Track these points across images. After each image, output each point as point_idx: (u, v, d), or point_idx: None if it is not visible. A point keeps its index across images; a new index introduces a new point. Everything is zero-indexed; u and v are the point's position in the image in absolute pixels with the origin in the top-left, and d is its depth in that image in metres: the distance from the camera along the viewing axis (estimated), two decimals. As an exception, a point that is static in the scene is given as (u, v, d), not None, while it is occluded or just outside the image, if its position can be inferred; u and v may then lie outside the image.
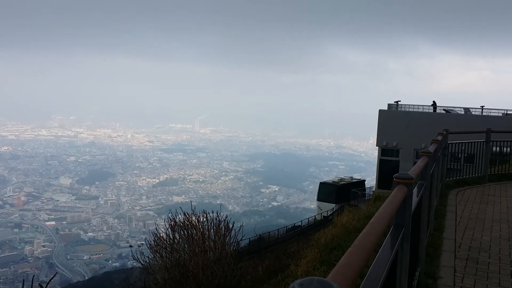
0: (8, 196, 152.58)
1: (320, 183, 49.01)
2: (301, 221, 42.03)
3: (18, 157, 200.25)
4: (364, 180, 50.50)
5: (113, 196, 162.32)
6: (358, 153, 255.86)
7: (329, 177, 58.90)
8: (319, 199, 45.98)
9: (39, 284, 4.03)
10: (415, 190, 4.77)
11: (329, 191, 44.66)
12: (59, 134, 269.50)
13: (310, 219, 42.96)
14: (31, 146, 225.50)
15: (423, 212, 6.00)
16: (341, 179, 47.70)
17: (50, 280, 4.86)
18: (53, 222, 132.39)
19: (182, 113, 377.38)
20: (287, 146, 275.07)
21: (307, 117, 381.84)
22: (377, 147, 38.64)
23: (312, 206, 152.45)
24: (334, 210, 38.49)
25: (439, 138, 10.37)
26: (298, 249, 14.51)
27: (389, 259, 3.02)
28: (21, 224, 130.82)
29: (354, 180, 48.02)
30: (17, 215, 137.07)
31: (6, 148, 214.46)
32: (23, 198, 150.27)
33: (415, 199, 4.64)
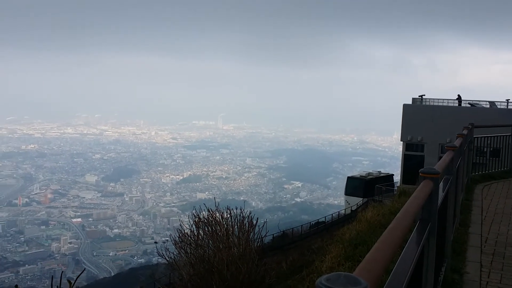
0: (35, 194, 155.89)
1: (348, 177, 48.85)
2: (325, 217, 41.85)
3: (45, 155, 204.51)
4: (392, 175, 49.94)
5: (138, 193, 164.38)
6: (382, 148, 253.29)
7: (352, 173, 58.47)
8: (346, 193, 45.96)
9: (67, 280, 4.09)
10: (441, 185, 4.72)
11: (357, 185, 44.57)
12: (85, 132, 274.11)
13: (333, 215, 42.78)
14: (57, 144, 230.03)
15: (449, 207, 5.93)
16: (369, 173, 47.42)
17: (78, 276, 4.94)
18: (79, 219, 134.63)
19: (205, 110, 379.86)
20: (310, 142, 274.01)
21: (329, 113, 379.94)
22: (402, 142, 38.20)
23: (336, 202, 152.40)
24: (359, 205, 38.32)
25: (465, 132, 10.21)
26: (322, 245, 14.48)
27: (415, 254, 3.00)
28: (48, 221, 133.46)
29: (382, 174, 47.57)
30: (44, 212, 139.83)
31: (33, 146, 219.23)
32: (49, 196, 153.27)
33: (441, 194, 4.59)
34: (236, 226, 12.21)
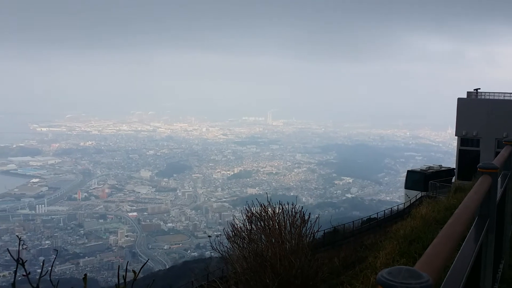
0: (93, 189, 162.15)
1: (408, 171, 47.90)
2: (377, 213, 41.16)
3: (102, 151, 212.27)
4: (454, 169, 48.41)
5: (190, 188, 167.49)
6: (435, 144, 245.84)
7: (405, 169, 57.20)
8: (406, 187, 45.10)
9: (132, 270, 4.31)
10: (499, 180, 4.64)
11: (417, 179, 43.63)
12: (139, 128, 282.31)
13: (386, 211, 42.03)
14: (113, 140, 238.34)
15: (507, 203, 5.79)
16: (430, 167, 46.25)
17: (142, 267, 5.20)
18: (135, 213, 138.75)
19: (255, 106, 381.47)
20: (360, 137, 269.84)
21: (381, 108, 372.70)
22: (456, 137, 36.99)
23: (388, 198, 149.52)
24: (412, 200, 37.49)
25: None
26: (375, 241, 14.34)
27: (474, 250, 3.01)
28: (105, 215, 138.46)
29: (443, 168, 46.24)
30: (101, 206, 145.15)
31: (91, 143, 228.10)
32: (107, 190, 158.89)
33: (499, 190, 4.51)
34: (288, 221, 12.32)
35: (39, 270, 3.73)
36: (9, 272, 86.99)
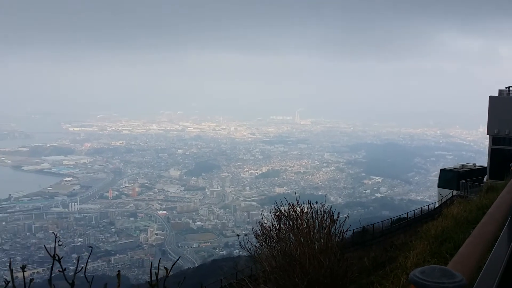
0: (124, 187, 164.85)
1: (441, 169, 47.14)
2: (407, 213, 40.58)
3: (132, 150, 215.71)
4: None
5: (219, 187, 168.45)
6: (467, 142, 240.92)
7: (435, 168, 56.34)
8: (440, 186, 44.36)
9: (164, 267, 4.44)
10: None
11: (450, 177, 42.86)
12: (168, 128, 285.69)
13: (416, 211, 41.42)
14: (143, 140, 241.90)
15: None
16: (463, 166, 45.38)
17: (174, 264, 5.33)
18: (164, 212, 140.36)
19: (283, 105, 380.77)
20: (390, 136, 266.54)
21: (410, 106, 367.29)
22: (488, 136, 36.14)
23: (418, 198, 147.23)
24: (444, 199, 36.85)
25: None
26: (405, 241, 14.18)
27: (507, 250, 2.97)
28: (136, 213, 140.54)
29: (477, 167, 45.31)
30: (132, 204, 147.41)
31: (121, 142, 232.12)
32: (137, 189, 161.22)
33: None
34: (316, 221, 12.30)
35: (72, 267, 3.87)
36: (43, 269, 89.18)
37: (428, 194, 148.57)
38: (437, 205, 39.97)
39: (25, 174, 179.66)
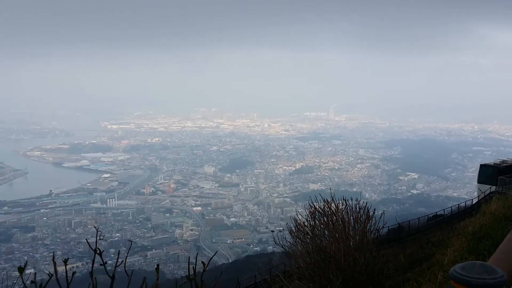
0: (159, 184, 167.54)
1: (481, 165, 46.00)
2: (444, 209, 39.72)
3: (168, 147, 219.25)
4: None
5: (252, 183, 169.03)
6: (505, 138, 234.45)
7: (473, 164, 55.08)
8: (479, 182, 43.29)
9: (202, 262, 4.59)
10: None
11: (490, 173, 41.76)
12: (203, 125, 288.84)
13: (453, 207, 40.51)
14: (178, 137, 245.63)
15: None
16: (503, 161, 44.15)
17: (210, 258, 5.52)
18: (199, 208, 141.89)
19: (317, 101, 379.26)
20: (426, 132, 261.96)
21: (448, 101, 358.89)
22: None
23: (455, 194, 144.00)
24: (482, 196, 35.92)
25: None
26: (442, 238, 13.95)
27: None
28: (171, 209, 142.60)
29: None
30: (168, 201, 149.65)
31: (157, 139, 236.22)
32: (172, 185, 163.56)
33: None
34: (351, 217, 12.23)
35: (110, 261, 4.03)
36: (82, 263, 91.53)
37: (465, 191, 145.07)
38: (475, 201, 39.07)
39: (65, 170, 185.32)
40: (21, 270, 4.40)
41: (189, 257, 5.13)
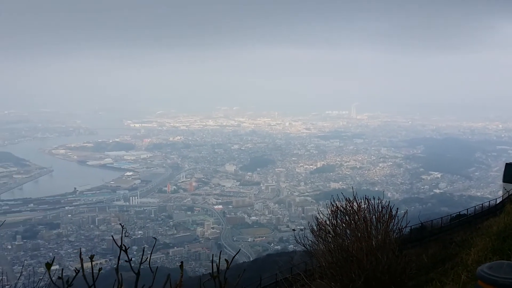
0: (181, 182, 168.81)
1: (506, 164, 45.28)
2: (467, 209, 39.11)
3: (189, 146, 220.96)
4: None
5: (273, 182, 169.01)
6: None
7: (497, 163, 54.05)
8: (505, 181, 42.59)
9: (225, 259, 4.70)
10: None
11: None
12: (224, 124, 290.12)
13: (477, 207, 39.87)
14: (200, 135, 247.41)
15: None
16: None
17: (234, 256, 5.59)
18: (220, 206, 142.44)
19: (338, 99, 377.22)
20: (449, 130, 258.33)
21: (471, 99, 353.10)
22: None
23: (479, 194, 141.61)
24: (504, 195, 35.26)
25: None
26: (466, 238, 13.76)
27: None
28: (193, 208, 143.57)
29: None
30: (189, 199, 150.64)
31: (179, 138, 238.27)
32: (194, 184, 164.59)
33: None
34: (374, 216, 12.16)
35: (133, 259, 4.11)
36: (106, 260, 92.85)
37: (489, 190, 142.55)
38: (499, 200, 38.36)
39: (89, 168, 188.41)
40: (48, 266, 4.52)
41: (212, 255, 5.21)
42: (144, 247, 5.85)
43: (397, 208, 12.51)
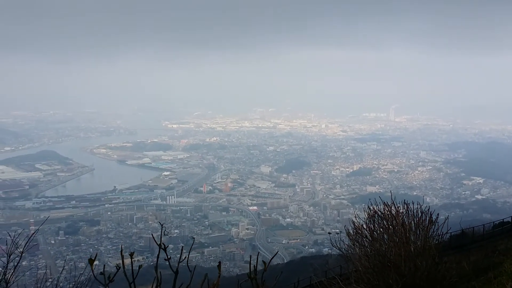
0: (217, 182, 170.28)
1: None
2: (511, 216, 37.76)
3: (225, 147, 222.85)
4: None
5: (309, 184, 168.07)
6: None
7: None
8: None
9: (263, 261, 4.71)
10: None
11: None
12: (260, 125, 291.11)
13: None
14: (235, 136, 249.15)
15: None
16: None
17: (272, 258, 5.58)
18: (255, 207, 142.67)
19: (376, 102, 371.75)
20: (493, 134, 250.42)
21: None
22: None
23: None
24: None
25: None
26: (510, 246, 13.29)
27: None
28: (228, 208, 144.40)
29: None
30: (224, 199, 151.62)
31: (215, 139, 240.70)
32: (229, 184, 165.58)
33: None
34: (413, 221, 11.91)
35: (171, 257, 4.13)
36: (143, 257, 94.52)
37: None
38: None
39: (129, 168, 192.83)
40: (91, 261, 4.62)
41: (250, 255, 5.21)
42: (182, 247, 5.92)
43: (438, 214, 12.21)
